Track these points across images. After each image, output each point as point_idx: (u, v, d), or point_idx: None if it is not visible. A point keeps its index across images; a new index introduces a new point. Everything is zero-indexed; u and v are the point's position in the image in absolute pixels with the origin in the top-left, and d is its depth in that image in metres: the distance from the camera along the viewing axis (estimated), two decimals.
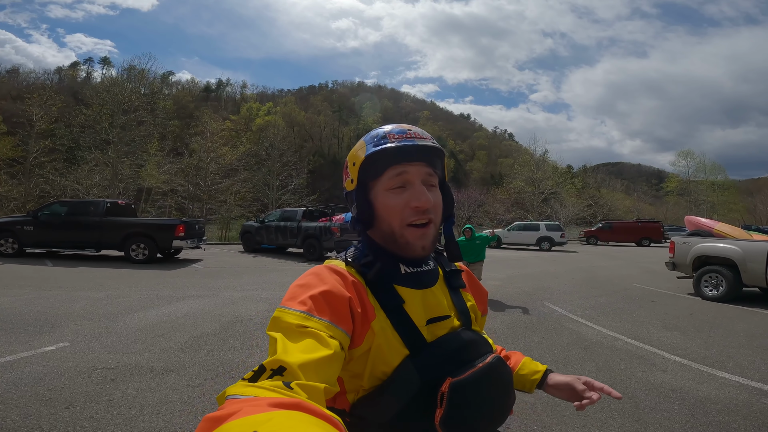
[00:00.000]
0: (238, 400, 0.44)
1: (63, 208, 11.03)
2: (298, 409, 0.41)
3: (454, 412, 0.63)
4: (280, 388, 0.47)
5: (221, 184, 27.89)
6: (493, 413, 0.69)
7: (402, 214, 0.73)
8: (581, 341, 4.55)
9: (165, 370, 3.38)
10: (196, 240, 11.38)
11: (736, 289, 6.99)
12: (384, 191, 0.75)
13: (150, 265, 10.08)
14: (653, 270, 11.60)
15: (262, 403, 0.42)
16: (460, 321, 0.77)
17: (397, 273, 0.75)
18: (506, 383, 0.73)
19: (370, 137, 0.77)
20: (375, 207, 0.76)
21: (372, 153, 0.74)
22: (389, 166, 0.74)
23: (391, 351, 0.68)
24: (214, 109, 59.15)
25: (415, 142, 0.74)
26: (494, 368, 0.69)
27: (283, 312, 0.63)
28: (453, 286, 0.82)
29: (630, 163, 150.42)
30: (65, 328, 4.46)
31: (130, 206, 12.40)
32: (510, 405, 0.75)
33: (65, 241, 10.65)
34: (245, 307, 5.76)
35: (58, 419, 2.51)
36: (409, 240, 0.73)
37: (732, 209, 42.93)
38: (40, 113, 25.79)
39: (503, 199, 38.76)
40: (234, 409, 0.41)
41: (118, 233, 10.46)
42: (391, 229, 0.74)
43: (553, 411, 2.82)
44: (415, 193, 0.73)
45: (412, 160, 0.74)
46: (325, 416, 0.42)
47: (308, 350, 0.55)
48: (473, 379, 0.66)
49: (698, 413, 2.84)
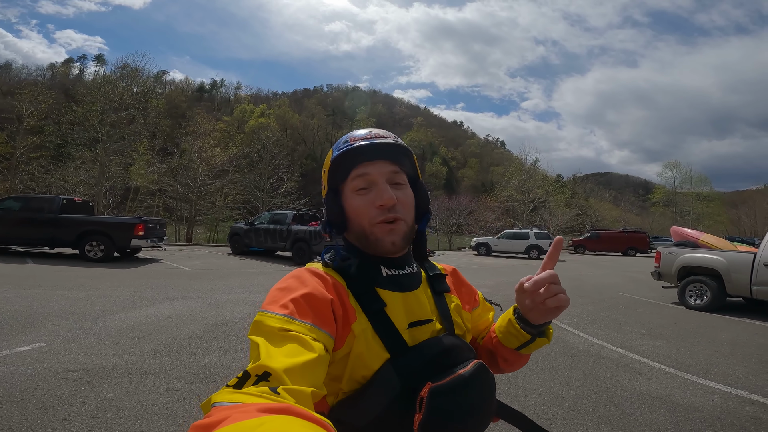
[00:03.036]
0: (225, 407, 0.43)
1: (17, 203, 10.70)
2: (288, 414, 0.41)
3: (433, 418, 0.61)
4: (267, 394, 0.46)
5: (211, 185, 27.64)
6: (473, 420, 0.67)
7: (369, 214, 0.74)
8: (568, 349, 4.55)
9: (144, 372, 3.28)
10: (156, 240, 11.18)
11: (720, 298, 7.07)
12: (351, 193, 0.76)
13: (132, 265, 9.90)
14: (639, 279, 11.73)
15: (251, 409, 0.41)
16: (442, 325, 0.76)
17: (378, 275, 0.75)
18: (488, 390, 0.71)
19: (336, 144, 0.79)
20: (345, 210, 0.77)
21: (336, 157, 0.76)
22: (352, 168, 0.75)
23: (371, 354, 0.67)
24: (207, 110, 58.79)
25: (374, 141, 0.75)
26: (476, 374, 0.68)
27: (264, 316, 0.62)
28: (437, 290, 0.81)
29: (618, 174, 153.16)
30: (42, 328, 4.33)
31: (87, 204, 12.12)
32: (491, 412, 0.73)
33: (16, 238, 10.35)
34: (231, 309, 5.67)
35: (29, 420, 2.42)
36: (378, 236, 0.74)
37: (717, 221, 43.77)
38: (30, 109, 25.35)
39: (493, 207, 39.03)
40: (222, 416, 0.40)
41: (72, 231, 10.17)
42: (361, 228, 0.75)
43: (539, 419, 2.80)
44: (379, 191, 0.73)
45: (374, 159, 0.75)
46: (315, 420, 0.42)
47: (292, 354, 0.55)
48: (453, 385, 0.64)
49: (683, 422, 2.84)
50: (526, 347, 0.79)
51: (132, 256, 11.61)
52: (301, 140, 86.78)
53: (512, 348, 0.80)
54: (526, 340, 0.78)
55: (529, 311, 0.73)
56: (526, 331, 0.77)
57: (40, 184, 23.99)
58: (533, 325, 0.76)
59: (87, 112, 24.54)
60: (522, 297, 0.73)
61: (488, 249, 22.04)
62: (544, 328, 0.78)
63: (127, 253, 11.42)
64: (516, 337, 0.78)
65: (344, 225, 0.78)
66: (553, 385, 3.45)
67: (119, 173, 25.16)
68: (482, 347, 0.90)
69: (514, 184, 39.52)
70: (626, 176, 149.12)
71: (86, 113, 24.54)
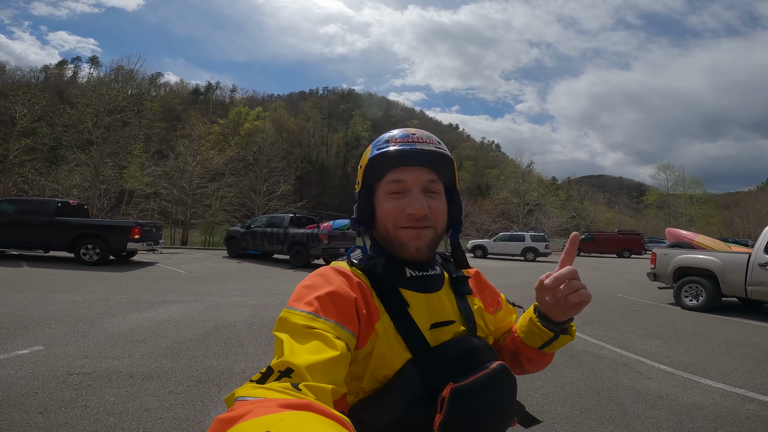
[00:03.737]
0: (247, 401, 0.44)
1: (11, 206, 10.59)
2: (308, 410, 0.41)
3: (453, 419, 0.61)
4: (289, 390, 0.47)
5: (207, 188, 27.45)
6: (494, 422, 0.68)
7: (396, 219, 0.73)
8: (568, 349, 4.57)
9: (145, 376, 3.26)
10: (152, 243, 11.12)
11: (716, 299, 7.14)
12: (383, 195, 0.75)
13: (129, 268, 9.83)
14: (634, 280, 11.82)
15: (272, 404, 0.42)
16: (464, 327, 0.76)
17: (402, 276, 0.75)
18: (509, 392, 0.71)
19: (376, 141, 0.78)
20: (375, 209, 0.77)
21: (374, 156, 0.75)
22: (388, 170, 0.74)
23: (393, 354, 0.67)
24: (202, 112, 58.46)
25: (415, 146, 0.74)
26: (497, 376, 0.68)
27: (289, 313, 0.62)
28: (459, 292, 0.81)
29: (612, 176, 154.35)
30: (40, 331, 4.29)
31: (82, 207, 12.01)
32: (512, 414, 0.74)
33: (11, 240, 10.22)
34: (230, 313, 5.64)
35: (32, 424, 2.39)
36: (404, 240, 0.73)
37: (709, 222, 44.20)
38: (23, 111, 25.11)
39: (489, 209, 39.09)
40: (245, 410, 0.41)
41: (68, 234, 10.08)
42: (386, 231, 0.75)
43: (543, 419, 2.81)
44: (411, 200, 0.72)
45: (412, 165, 0.73)
46: (334, 417, 0.42)
47: (315, 351, 0.55)
48: (475, 386, 0.64)
49: (685, 419, 2.87)
50: (549, 345, 0.78)
51: (128, 260, 11.52)
52: (297, 143, 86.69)
53: (535, 347, 0.80)
54: (549, 338, 0.77)
55: (551, 308, 0.72)
56: (548, 329, 0.76)
57: (34, 186, 23.75)
58: (555, 323, 0.75)
59: (81, 115, 24.32)
60: (542, 294, 0.72)
61: (484, 251, 22.14)
62: (566, 325, 0.77)
63: (123, 257, 11.32)
64: (539, 335, 0.77)
65: (372, 224, 0.79)
66: (555, 385, 3.47)
67: (114, 176, 24.94)
68: (505, 348, 0.90)
69: (510, 187, 39.70)
70: (620, 178, 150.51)
71: (80, 115, 24.32)
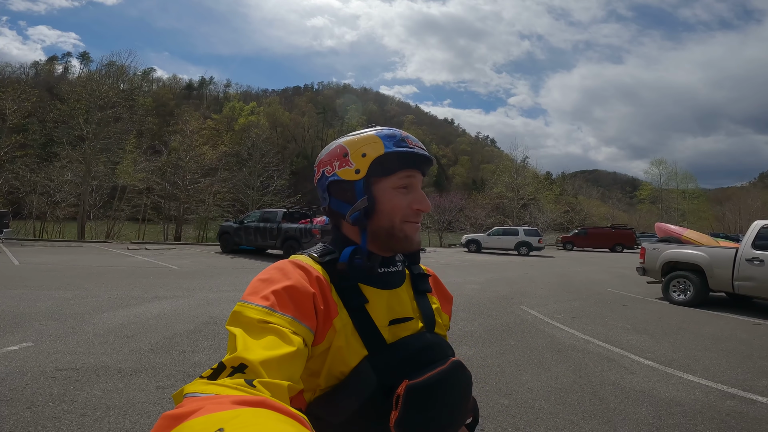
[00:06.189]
0: (198, 398, 0.42)
1: None
2: (263, 407, 0.40)
3: (409, 415, 0.61)
4: (243, 386, 0.46)
5: (200, 184, 27.31)
6: (449, 417, 0.69)
7: (404, 212, 0.76)
8: (555, 344, 4.64)
9: (134, 371, 3.27)
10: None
11: (703, 293, 7.24)
12: (391, 189, 0.76)
13: (121, 264, 9.78)
14: (625, 275, 11.92)
15: (225, 400, 0.40)
16: (423, 323, 0.77)
17: (363, 272, 0.75)
18: (465, 388, 0.72)
19: (385, 135, 0.76)
20: (376, 202, 0.75)
21: (394, 152, 0.75)
22: (404, 168, 0.76)
23: (350, 351, 0.67)
24: (195, 108, 58.06)
25: (425, 153, 0.79)
26: (453, 372, 0.69)
27: (244, 307, 0.61)
28: (419, 290, 0.82)
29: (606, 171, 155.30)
30: (29, 327, 4.28)
31: None
32: (468, 410, 0.75)
33: None
34: (220, 308, 5.65)
35: (19, 419, 2.41)
36: (408, 233, 0.76)
37: (701, 217, 44.63)
38: (13, 107, 24.78)
39: (484, 204, 39.24)
40: (195, 407, 0.39)
41: None
42: (391, 224, 0.75)
43: (526, 413, 2.86)
44: (419, 197, 0.77)
45: (419, 168, 0.78)
46: (291, 414, 0.41)
47: (270, 347, 0.54)
48: (430, 383, 0.65)
49: (665, 415, 2.92)
50: None
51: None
52: (292, 138, 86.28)
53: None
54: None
55: None
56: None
57: (25, 183, 23.51)
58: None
59: (72, 110, 23.99)
60: None
61: (478, 246, 22.23)
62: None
63: None
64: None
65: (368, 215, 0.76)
66: (540, 380, 3.52)
67: (106, 172, 24.70)
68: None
69: (504, 182, 39.81)
70: (614, 173, 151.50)
71: (71, 111, 23.98)
